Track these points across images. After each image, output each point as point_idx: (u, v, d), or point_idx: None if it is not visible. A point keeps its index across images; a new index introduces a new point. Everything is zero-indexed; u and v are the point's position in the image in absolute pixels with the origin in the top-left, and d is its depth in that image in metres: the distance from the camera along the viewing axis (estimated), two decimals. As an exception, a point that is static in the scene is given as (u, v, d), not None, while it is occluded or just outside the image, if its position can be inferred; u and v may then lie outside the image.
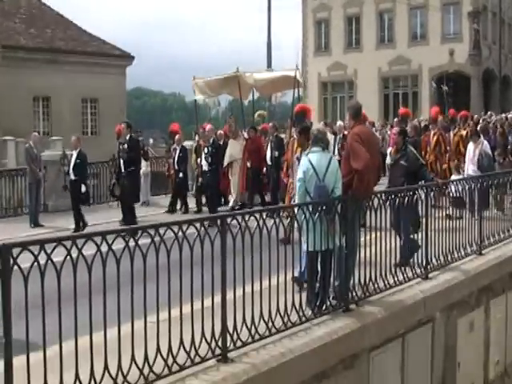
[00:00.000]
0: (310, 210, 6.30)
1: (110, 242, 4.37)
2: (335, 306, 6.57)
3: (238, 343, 5.31)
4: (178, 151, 15.14)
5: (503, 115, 23.53)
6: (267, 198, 14.78)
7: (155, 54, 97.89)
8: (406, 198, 7.68)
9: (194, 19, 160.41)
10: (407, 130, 11.95)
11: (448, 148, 13.83)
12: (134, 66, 32.71)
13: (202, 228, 5.11)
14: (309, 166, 6.82)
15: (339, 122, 16.56)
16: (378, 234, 7.49)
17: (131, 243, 4.54)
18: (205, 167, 14.29)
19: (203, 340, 5.03)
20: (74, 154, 13.05)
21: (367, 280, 6.92)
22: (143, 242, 4.66)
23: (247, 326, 5.40)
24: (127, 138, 12.87)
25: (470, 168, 12.66)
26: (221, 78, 16.56)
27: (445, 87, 27.90)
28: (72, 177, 12.97)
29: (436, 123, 14.40)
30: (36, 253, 3.92)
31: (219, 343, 5.15)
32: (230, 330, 5.25)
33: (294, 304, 5.94)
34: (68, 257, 4.12)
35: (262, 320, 5.55)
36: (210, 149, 14.23)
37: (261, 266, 5.58)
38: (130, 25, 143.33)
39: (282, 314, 5.78)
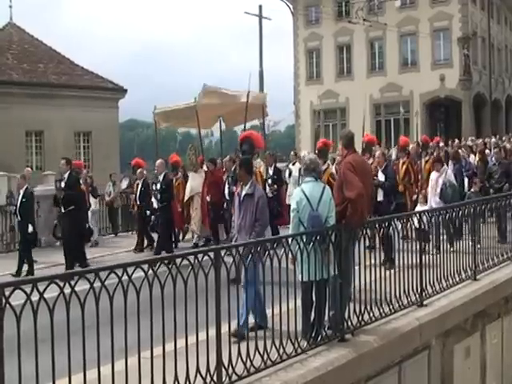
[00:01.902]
0: (304, 239, 6.34)
1: (102, 279, 4.39)
2: (330, 336, 6.56)
3: (234, 377, 5.30)
4: (140, 186, 14.48)
5: (479, 141, 23.52)
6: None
7: (147, 85, 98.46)
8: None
9: (183, 49, 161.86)
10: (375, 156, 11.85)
11: (420, 176, 13.30)
12: (126, 97, 32.93)
13: (196, 261, 5.14)
14: (302, 196, 6.86)
15: (303, 152, 16.17)
16: (372, 261, 7.53)
17: (124, 278, 4.56)
18: (155, 204, 13.47)
19: (198, 375, 5.02)
20: (21, 192, 12.45)
21: (362, 309, 6.93)
22: (135, 276, 4.68)
23: (242, 359, 5.39)
24: (66, 174, 12.20)
25: (432, 199, 11.90)
26: (180, 108, 15.70)
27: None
28: (18, 217, 12.41)
29: (404, 152, 13.70)
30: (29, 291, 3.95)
31: (214, 378, 5.14)
32: (225, 363, 5.25)
33: (289, 335, 5.94)
34: (61, 294, 4.14)
35: (257, 352, 5.55)
36: (160, 185, 13.35)
37: (254, 298, 5.61)
38: (122, 57, 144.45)
39: (278, 345, 5.78)
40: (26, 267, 12.19)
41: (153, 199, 13.52)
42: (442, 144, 21.50)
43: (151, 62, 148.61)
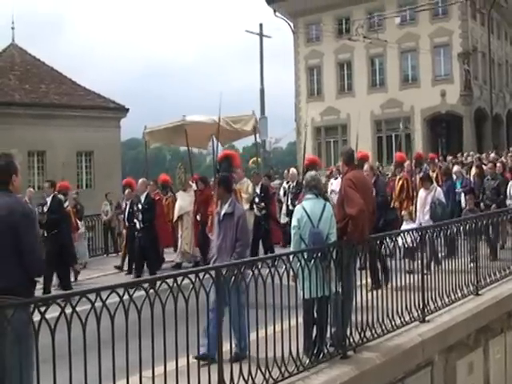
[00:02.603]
0: (305, 256, 6.37)
1: (104, 298, 4.43)
2: (333, 353, 6.56)
3: (236, 395, 5.31)
4: (128, 206, 14.05)
5: (476, 155, 23.30)
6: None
7: (149, 104, 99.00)
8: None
9: (186, 69, 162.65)
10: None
11: (414, 193, 13.04)
12: (128, 116, 33.09)
13: (198, 280, 5.18)
14: (303, 214, 6.89)
15: (292, 169, 15.80)
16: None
17: (125, 297, 4.60)
18: (137, 225, 13.18)
19: (200, 393, 5.03)
20: None
21: (364, 326, 6.94)
22: (137, 295, 4.71)
23: (244, 378, 5.40)
24: (50, 198, 12.03)
25: (421, 217, 11.59)
26: (169, 127, 15.61)
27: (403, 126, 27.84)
28: None
29: (401, 167, 13.75)
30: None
31: (216, 396, 5.15)
32: (227, 381, 5.26)
33: (290, 353, 5.95)
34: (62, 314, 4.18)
35: (258, 371, 5.55)
36: (141, 205, 13.09)
37: (256, 316, 5.63)
38: (124, 77, 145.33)
39: (279, 363, 5.79)
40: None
41: (135, 220, 13.24)
42: (436, 160, 21.41)
43: (153, 81, 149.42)
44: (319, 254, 6.51)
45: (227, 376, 5.24)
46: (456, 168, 16.85)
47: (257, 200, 14.04)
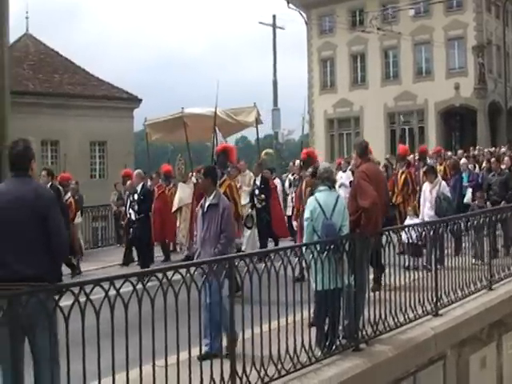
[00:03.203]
0: (318, 248, 6.34)
1: (117, 287, 4.43)
2: (345, 345, 6.55)
3: (248, 386, 5.30)
4: (128, 198, 13.82)
5: (487, 149, 22.87)
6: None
7: (162, 94, 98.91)
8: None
9: (199, 59, 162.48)
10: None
11: (418, 188, 12.77)
12: (141, 106, 33.12)
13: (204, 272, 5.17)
14: (316, 205, 6.86)
15: (297, 161, 14.69)
16: (387, 271, 7.51)
17: (138, 287, 4.59)
18: (132, 216, 13.18)
19: (212, 384, 5.03)
20: None
21: (377, 318, 6.91)
22: (150, 284, 4.71)
23: (256, 369, 5.39)
24: (48, 186, 11.48)
25: (425, 212, 11.21)
26: (169, 119, 15.39)
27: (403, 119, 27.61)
28: None
29: (404, 161, 13.31)
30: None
31: (228, 386, 5.15)
32: (239, 372, 5.25)
33: (303, 344, 5.93)
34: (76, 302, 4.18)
35: (271, 362, 5.54)
36: (137, 196, 13.04)
37: (269, 307, 5.61)
38: (138, 66, 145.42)
39: (292, 354, 5.77)
40: None
41: (130, 210, 13.21)
42: (447, 153, 20.99)
43: (166, 71, 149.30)
44: (332, 246, 6.48)
45: (240, 366, 5.23)
46: (463, 161, 16.45)
47: (257, 192, 13.84)
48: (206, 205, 7.12)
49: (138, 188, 13.24)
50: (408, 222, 10.84)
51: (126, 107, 32.23)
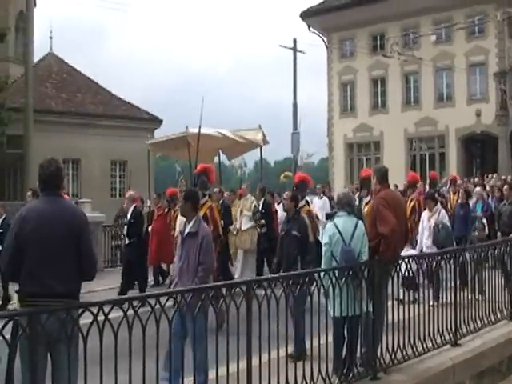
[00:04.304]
0: (336, 274, 6.33)
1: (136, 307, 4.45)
2: (362, 373, 6.49)
3: (264, 412, 5.28)
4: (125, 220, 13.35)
5: (502, 177, 21.62)
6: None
7: (183, 116, 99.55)
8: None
9: (219, 81, 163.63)
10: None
11: None
12: (162, 128, 33.42)
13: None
14: (334, 231, 6.85)
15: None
16: (406, 299, 7.45)
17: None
18: (126, 240, 12.73)
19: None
20: None
21: (395, 347, 6.85)
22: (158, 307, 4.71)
23: (273, 395, 5.36)
24: None
25: (423, 242, 10.80)
26: (172, 138, 15.14)
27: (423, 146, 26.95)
28: None
29: (413, 188, 12.88)
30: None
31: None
32: (256, 398, 5.23)
33: (320, 372, 5.90)
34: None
35: (287, 388, 5.51)
36: (128, 219, 12.58)
37: (286, 332, 5.60)
38: (160, 86, 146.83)
39: (308, 381, 5.74)
40: None
41: (122, 234, 12.74)
42: (459, 181, 20.29)
43: (186, 92, 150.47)
44: (350, 273, 6.46)
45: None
46: (477, 189, 15.75)
47: (257, 216, 13.55)
48: (185, 232, 6.69)
49: (130, 211, 12.74)
50: (403, 253, 10.42)
51: (147, 127, 32.56)
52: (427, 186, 14.47)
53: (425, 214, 11.11)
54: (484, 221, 13.60)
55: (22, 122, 21.42)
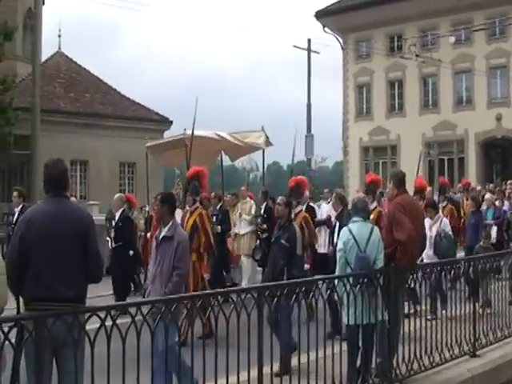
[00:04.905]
0: (351, 281, 6.29)
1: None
2: (377, 384, 6.46)
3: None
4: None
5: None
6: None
7: (191, 117, 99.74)
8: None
9: (232, 83, 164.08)
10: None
11: None
12: (172, 129, 33.50)
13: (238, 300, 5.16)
14: (349, 237, 6.82)
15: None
16: (423, 307, 7.41)
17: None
18: (113, 244, 12.45)
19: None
20: None
21: (412, 357, 6.80)
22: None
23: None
24: (18, 208, 11.28)
25: (423, 252, 10.05)
26: (170, 141, 14.76)
27: (434, 151, 26.93)
28: None
29: (421, 195, 12.29)
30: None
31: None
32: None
33: (333, 381, 5.86)
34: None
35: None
36: (115, 222, 12.31)
37: (299, 340, 5.58)
38: (171, 86, 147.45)
39: (322, 392, 5.71)
40: None
41: (108, 238, 12.39)
42: (475, 186, 19.57)
43: (197, 93, 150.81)
44: (365, 280, 6.43)
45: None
46: (487, 196, 15.49)
47: (259, 221, 13.25)
48: (160, 237, 6.58)
49: (117, 214, 12.45)
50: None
51: (157, 129, 32.64)
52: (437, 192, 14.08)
53: (426, 223, 10.51)
54: (494, 228, 13.49)
55: (30, 121, 21.54)
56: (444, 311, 8.23)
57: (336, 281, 6.33)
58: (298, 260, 7.76)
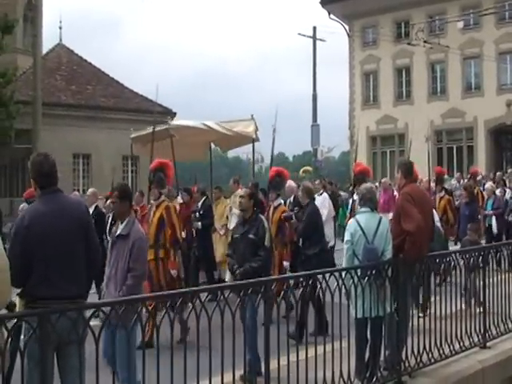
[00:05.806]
0: (359, 273, 6.31)
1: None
2: (386, 377, 6.47)
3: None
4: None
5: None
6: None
7: (196, 110, 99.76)
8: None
9: (236, 73, 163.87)
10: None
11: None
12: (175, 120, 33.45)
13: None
14: (357, 228, 6.82)
15: (290, 182, 11.90)
16: (432, 299, 7.42)
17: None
18: None
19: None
20: None
21: (421, 349, 6.82)
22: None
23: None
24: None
25: None
26: (153, 131, 13.68)
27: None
28: None
29: (442, 183, 12.57)
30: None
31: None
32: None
33: (341, 375, 5.89)
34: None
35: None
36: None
37: (306, 334, 5.60)
38: (173, 81, 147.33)
39: (329, 385, 5.74)
40: None
41: None
42: (480, 177, 19.34)
43: (202, 85, 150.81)
44: (373, 272, 6.44)
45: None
46: (487, 185, 15.21)
47: None
48: (116, 234, 6.16)
49: (91, 210, 11.55)
50: None
51: (160, 121, 32.43)
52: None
53: None
54: (494, 219, 13.37)
55: (31, 115, 21.59)
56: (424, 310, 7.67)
57: (344, 273, 6.32)
58: (263, 251, 7.22)
